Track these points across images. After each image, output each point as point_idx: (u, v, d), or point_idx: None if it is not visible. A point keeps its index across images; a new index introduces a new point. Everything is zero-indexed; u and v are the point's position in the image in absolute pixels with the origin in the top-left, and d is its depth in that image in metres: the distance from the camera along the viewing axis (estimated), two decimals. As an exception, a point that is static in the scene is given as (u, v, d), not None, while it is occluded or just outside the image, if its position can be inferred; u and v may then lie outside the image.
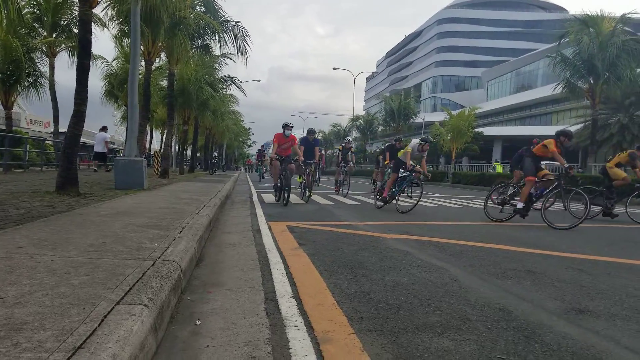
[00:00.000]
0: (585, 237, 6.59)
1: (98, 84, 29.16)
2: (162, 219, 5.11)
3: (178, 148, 32.06)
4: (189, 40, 16.03)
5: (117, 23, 14.62)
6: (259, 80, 46.26)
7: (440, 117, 48.18)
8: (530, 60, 58.73)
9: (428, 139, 9.59)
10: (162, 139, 32.32)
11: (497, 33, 78.30)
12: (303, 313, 2.57)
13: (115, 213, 5.46)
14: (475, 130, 41.23)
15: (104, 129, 19.23)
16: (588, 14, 22.34)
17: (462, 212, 9.88)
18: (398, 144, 12.14)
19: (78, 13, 8.42)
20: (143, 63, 15.10)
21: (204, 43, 18.23)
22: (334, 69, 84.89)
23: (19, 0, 14.06)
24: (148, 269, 2.73)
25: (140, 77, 14.50)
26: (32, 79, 17.49)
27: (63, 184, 7.53)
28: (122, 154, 14.67)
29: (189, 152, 32.08)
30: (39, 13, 18.42)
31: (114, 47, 22.47)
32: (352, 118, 62.60)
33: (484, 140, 44.16)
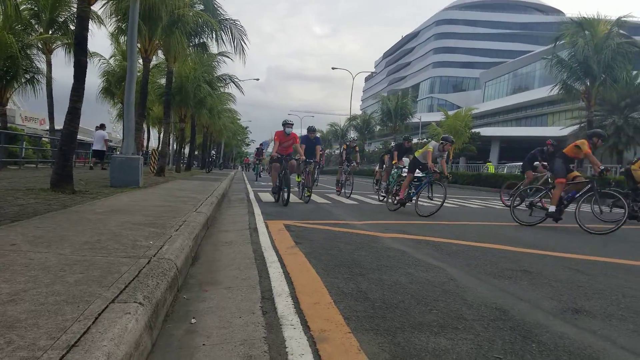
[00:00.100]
0: (582, 237, 6.61)
1: (95, 82, 29.09)
2: (158, 217, 5.09)
3: (176, 146, 31.98)
4: (186, 38, 15.99)
5: (114, 20, 14.56)
6: (258, 79, 46.58)
7: (437, 117, 48.36)
8: (528, 62, 58.90)
9: (449, 138, 8.89)
10: (159, 137, 32.31)
11: (494, 35, 78.55)
12: (299, 312, 2.56)
13: (111, 211, 5.43)
14: (473, 131, 41.41)
15: (102, 127, 19.15)
16: (584, 17, 22.42)
17: (459, 212, 9.89)
18: (407, 144, 11.86)
19: (76, 10, 8.37)
20: (141, 61, 15.03)
21: (201, 41, 18.20)
22: (333, 69, 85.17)
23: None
24: (144, 267, 2.71)
25: (139, 74, 14.45)
26: (29, 76, 17.42)
27: (58, 181, 7.48)
28: (119, 152, 14.62)
29: (187, 150, 32.03)
30: (37, 9, 18.31)
31: (111, 44, 22.38)
32: (349, 117, 62.66)
33: (482, 141, 44.24)
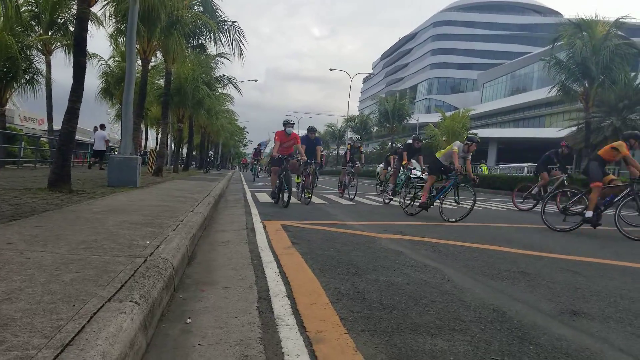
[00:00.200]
0: (580, 239, 6.62)
1: (94, 82, 29.09)
2: (155, 217, 5.08)
3: (174, 147, 31.97)
4: (185, 40, 15.99)
5: (114, 22, 14.57)
6: (256, 80, 46.28)
7: (435, 118, 48.42)
8: (526, 64, 59.06)
9: (475, 139, 8.42)
10: (157, 137, 32.30)
11: (492, 36, 78.79)
12: (296, 312, 2.55)
13: (108, 210, 5.42)
14: (470, 132, 41.43)
15: (102, 127, 19.29)
16: (582, 18, 22.43)
17: (455, 212, 9.86)
18: (417, 144, 11.38)
19: (76, 11, 8.37)
20: (140, 62, 15.03)
21: (200, 42, 18.23)
22: (331, 70, 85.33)
23: (18, -2, 13.99)
24: (139, 266, 2.70)
25: (137, 75, 14.45)
26: (29, 77, 17.49)
27: (56, 181, 7.47)
28: (117, 152, 14.63)
29: (185, 150, 32.03)
30: (37, 11, 18.38)
31: (110, 45, 22.41)
32: (346, 118, 62.69)
33: (480, 142, 44.18)
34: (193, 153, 37.35)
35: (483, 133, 47.51)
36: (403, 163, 11.36)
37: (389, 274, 3.57)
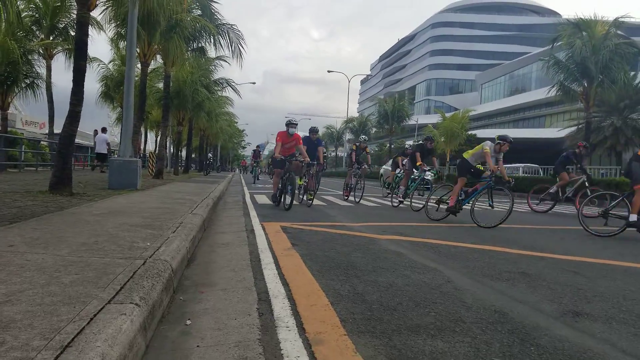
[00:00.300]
0: (581, 239, 6.59)
1: (94, 86, 29.15)
2: (155, 219, 5.08)
3: (173, 149, 32.00)
4: (185, 43, 16.03)
5: (114, 26, 14.62)
6: (254, 83, 46.26)
7: (434, 119, 48.35)
8: (524, 64, 59.03)
9: (508, 138, 7.84)
10: (156, 140, 32.31)
11: (490, 37, 78.85)
12: (295, 314, 2.54)
13: (108, 212, 5.42)
14: (469, 133, 41.43)
15: (104, 130, 19.47)
16: (581, 18, 22.37)
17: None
18: (429, 144, 11.08)
19: (76, 15, 8.41)
20: (139, 65, 15.07)
21: (199, 46, 18.28)
22: (329, 72, 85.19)
23: (19, 4, 14.03)
24: (139, 268, 2.70)
25: (137, 79, 14.48)
26: (29, 81, 17.56)
27: (56, 184, 7.51)
28: (117, 155, 14.65)
29: (184, 153, 32.05)
30: (38, 16, 18.48)
31: (110, 49, 22.46)
32: (345, 120, 62.67)
33: (479, 143, 44.13)
34: (192, 155, 37.35)
35: (483, 134, 47.49)
36: (418, 164, 10.84)
37: (389, 275, 3.57)
